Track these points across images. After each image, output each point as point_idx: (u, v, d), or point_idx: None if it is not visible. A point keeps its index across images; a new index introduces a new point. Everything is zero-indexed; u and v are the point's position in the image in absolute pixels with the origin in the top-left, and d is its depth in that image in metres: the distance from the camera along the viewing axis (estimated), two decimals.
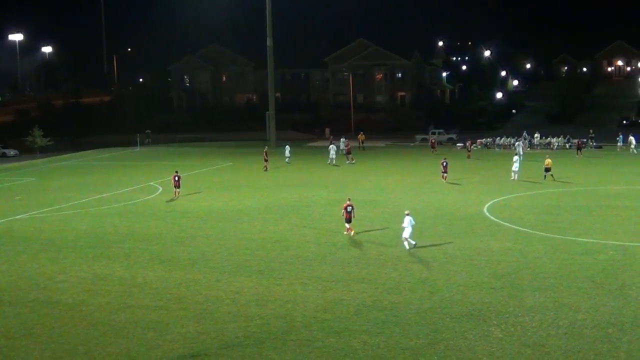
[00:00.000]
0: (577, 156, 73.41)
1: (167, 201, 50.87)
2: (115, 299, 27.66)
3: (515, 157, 58.18)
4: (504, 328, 23.33)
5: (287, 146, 74.93)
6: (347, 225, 37.36)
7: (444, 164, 56.75)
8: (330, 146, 73.01)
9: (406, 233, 33.97)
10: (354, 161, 72.06)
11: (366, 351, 21.85)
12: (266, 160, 67.69)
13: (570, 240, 35.39)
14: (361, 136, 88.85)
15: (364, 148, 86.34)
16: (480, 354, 21.42)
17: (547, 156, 59.92)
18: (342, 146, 78.71)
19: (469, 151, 75.69)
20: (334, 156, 71.17)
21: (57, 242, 38.04)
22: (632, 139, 78.97)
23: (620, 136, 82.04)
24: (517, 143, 75.81)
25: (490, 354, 21.40)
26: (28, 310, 26.65)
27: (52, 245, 37.29)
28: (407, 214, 34.32)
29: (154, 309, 26.27)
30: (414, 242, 34.12)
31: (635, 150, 76.72)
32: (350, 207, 37.13)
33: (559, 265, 30.66)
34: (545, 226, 38.60)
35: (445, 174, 56.46)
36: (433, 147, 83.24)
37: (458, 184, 55.15)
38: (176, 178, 51.88)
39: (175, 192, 51.83)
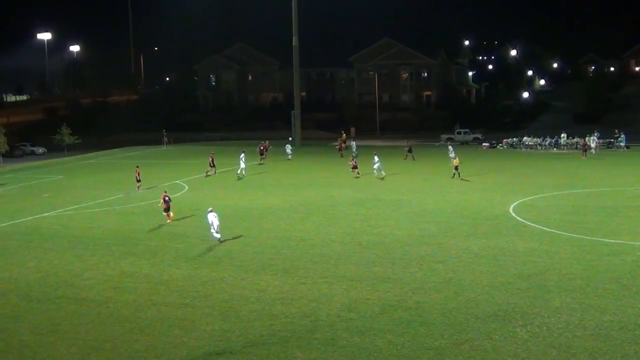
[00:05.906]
0: (582, 158, 70.52)
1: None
2: (141, 296, 27.90)
3: (376, 158, 59.78)
4: (529, 329, 23.22)
5: (287, 145, 75.96)
6: (164, 213, 41.36)
7: (354, 159, 62.14)
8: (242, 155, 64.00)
9: (215, 227, 36.19)
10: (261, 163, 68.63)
11: (390, 351, 21.84)
12: (213, 166, 63.67)
13: (597, 241, 35.11)
14: (343, 136, 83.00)
15: (341, 155, 76.87)
16: (506, 354, 21.34)
17: (455, 156, 62.52)
18: (353, 148, 77.73)
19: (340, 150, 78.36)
20: (244, 166, 63.07)
21: (85, 239, 38.41)
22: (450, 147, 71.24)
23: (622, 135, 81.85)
24: (449, 146, 74.51)
25: (516, 355, 21.31)
26: (55, 307, 26.97)
27: (80, 242, 37.67)
28: (211, 211, 36.66)
29: (179, 307, 26.46)
30: (218, 236, 36.09)
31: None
32: (168, 197, 41.63)
33: (585, 266, 30.44)
34: (572, 227, 38.33)
35: (355, 169, 60.25)
36: (340, 151, 77.11)
37: (483, 184, 54.95)
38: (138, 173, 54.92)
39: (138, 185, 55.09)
